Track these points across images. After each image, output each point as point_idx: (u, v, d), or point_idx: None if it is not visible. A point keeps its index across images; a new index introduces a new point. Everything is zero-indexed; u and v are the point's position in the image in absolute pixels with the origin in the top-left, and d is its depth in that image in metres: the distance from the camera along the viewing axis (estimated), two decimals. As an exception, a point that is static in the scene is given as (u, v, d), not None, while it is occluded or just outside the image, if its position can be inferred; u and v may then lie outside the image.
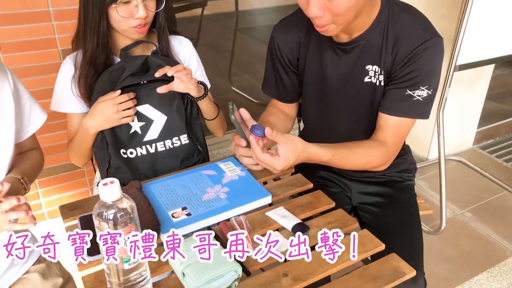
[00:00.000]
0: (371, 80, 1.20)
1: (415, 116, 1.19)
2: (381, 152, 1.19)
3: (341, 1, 0.99)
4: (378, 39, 1.15)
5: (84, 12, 1.16)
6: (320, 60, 1.24)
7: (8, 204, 0.82)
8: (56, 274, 1.13)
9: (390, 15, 1.14)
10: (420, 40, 1.11)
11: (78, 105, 1.25)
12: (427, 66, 1.12)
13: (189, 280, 0.85)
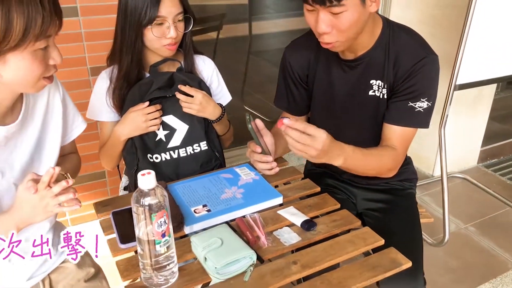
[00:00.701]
0: (375, 94, 1.33)
1: (418, 126, 1.32)
2: (392, 156, 1.31)
3: (345, 18, 1.14)
4: (380, 57, 1.30)
5: (122, 32, 1.32)
6: (328, 75, 1.39)
7: (58, 187, 0.95)
8: (88, 264, 1.25)
9: (391, 36, 1.29)
10: (418, 58, 1.25)
11: (111, 114, 1.40)
12: (425, 80, 1.26)
13: (210, 263, 0.98)
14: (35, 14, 0.87)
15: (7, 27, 0.85)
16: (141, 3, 1.26)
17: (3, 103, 0.99)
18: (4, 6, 0.84)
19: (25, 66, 0.92)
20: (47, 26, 0.89)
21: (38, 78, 0.96)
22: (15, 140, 1.05)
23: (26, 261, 1.12)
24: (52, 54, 0.96)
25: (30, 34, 0.87)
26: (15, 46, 0.88)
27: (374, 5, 1.19)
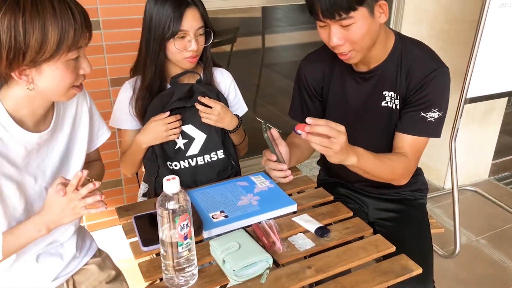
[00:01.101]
0: (387, 104, 1.38)
1: (429, 135, 1.36)
2: (404, 163, 1.35)
3: (356, 30, 1.20)
4: (393, 69, 1.35)
5: (146, 45, 1.39)
6: (342, 87, 1.44)
7: (85, 190, 1.01)
8: (109, 267, 1.31)
9: (403, 49, 1.35)
10: (429, 70, 1.30)
11: (133, 123, 1.47)
12: (436, 91, 1.31)
13: (228, 266, 1.02)
14: (68, 26, 0.94)
15: (43, 40, 0.92)
16: (165, 17, 1.33)
17: (37, 111, 1.06)
18: (40, 20, 0.91)
19: (58, 75, 0.98)
20: (78, 38, 0.96)
21: (69, 86, 1.02)
22: (47, 147, 1.12)
23: (52, 262, 1.18)
24: (82, 64, 1.03)
25: (63, 45, 0.94)
26: (50, 57, 0.94)
27: (383, 16, 1.25)
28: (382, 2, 1.23)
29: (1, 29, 0.90)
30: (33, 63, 0.94)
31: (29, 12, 0.90)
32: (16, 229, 1.04)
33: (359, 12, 1.19)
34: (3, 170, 1.01)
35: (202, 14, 1.39)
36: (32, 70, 0.96)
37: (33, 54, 0.92)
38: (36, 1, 0.91)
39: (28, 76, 0.97)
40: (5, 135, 1.01)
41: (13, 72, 0.95)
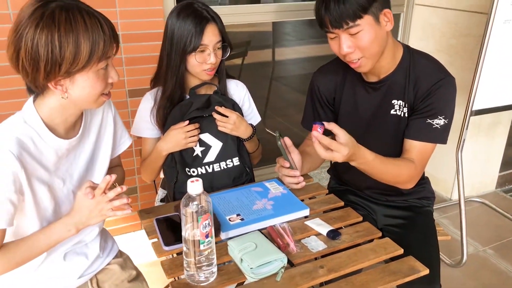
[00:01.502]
0: (396, 113, 1.46)
1: (435, 141, 1.42)
2: (410, 168, 1.41)
3: (363, 36, 1.29)
4: (401, 79, 1.43)
5: (167, 58, 1.47)
6: (354, 97, 1.52)
7: (113, 193, 1.08)
8: (130, 267, 1.38)
9: (411, 60, 1.43)
10: (436, 79, 1.38)
11: (153, 131, 1.55)
12: (442, 99, 1.39)
13: (246, 264, 1.09)
14: (98, 39, 1.02)
15: (76, 52, 1.00)
16: (186, 32, 1.42)
17: (69, 119, 1.14)
18: (73, 34, 0.99)
19: (90, 84, 1.06)
20: (107, 49, 1.05)
21: (99, 94, 1.10)
22: (75, 152, 1.20)
23: (78, 261, 1.26)
24: (111, 73, 1.11)
25: (94, 56, 1.02)
26: (83, 67, 1.03)
27: (389, 24, 1.34)
28: (386, 11, 1.32)
29: (39, 44, 0.98)
30: (68, 74, 1.02)
31: (64, 27, 0.99)
32: (47, 228, 1.11)
33: (365, 20, 1.28)
34: (36, 174, 1.09)
35: (220, 30, 1.48)
36: (66, 80, 1.04)
37: (67, 65, 1.01)
38: (69, 17, 1.00)
39: (63, 86, 1.05)
40: (39, 142, 1.09)
41: (49, 83, 1.04)
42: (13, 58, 1.03)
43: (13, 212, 1.04)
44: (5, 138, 1.03)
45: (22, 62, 1.01)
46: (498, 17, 1.94)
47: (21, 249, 1.08)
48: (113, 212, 1.10)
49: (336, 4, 1.26)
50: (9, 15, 1.82)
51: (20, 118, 1.08)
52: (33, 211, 1.10)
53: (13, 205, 1.03)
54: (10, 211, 1.03)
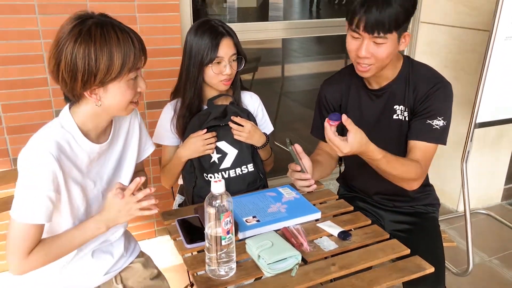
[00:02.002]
0: (398, 117, 1.56)
1: (436, 141, 1.50)
2: (416, 166, 1.48)
3: (385, 49, 1.40)
4: (402, 86, 1.54)
5: (186, 71, 1.58)
6: (358, 104, 1.62)
7: (142, 194, 1.18)
8: (152, 266, 1.46)
9: (410, 69, 1.55)
10: (433, 83, 1.50)
11: (174, 140, 1.66)
12: (440, 101, 1.49)
13: (263, 260, 1.17)
14: (129, 51, 1.13)
15: (110, 63, 1.10)
16: (204, 46, 1.53)
17: (100, 125, 1.24)
18: (107, 47, 1.10)
19: (121, 92, 1.17)
20: (137, 60, 1.15)
21: (128, 102, 1.20)
22: (104, 156, 1.29)
23: (104, 258, 1.34)
24: (139, 83, 1.21)
25: (125, 67, 1.13)
26: (115, 77, 1.13)
27: (403, 44, 1.45)
28: (407, 34, 1.44)
29: (78, 57, 1.09)
30: (102, 83, 1.13)
31: (99, 41, 1.09)
32: (80, 226, 1.21)
33: (393, 36, 1.39)
34: (71, 175, 1.19)
35: (235, 43, 1.59)
36: (100, 89, 1.15)
37: (102, 75, 1.11)
38: (103, 32, 1.10)
39: (97, 94, 1.15)
40: (75, 145, 1.19)
41: (86, 92, 1.14)
42: (54, 70, 1.13)
43: (51, 209, 1.13)
44: (46, 141, 1.13)
45: (62, 73, 1.11)
46: (499, 34, 2.04)
47: (58, 244, 1.17)
48: (141, 212, 1.19)
49: (378, 12, 1.35)
50: (38, 31, 1.95)
51: (58, 124, 1.18)
52: (67, 210, 1.20)
53: (51, 202, 1.12)
54: (49, 208, 1.12)
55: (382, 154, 1.39)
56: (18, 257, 1.11)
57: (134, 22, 2.14)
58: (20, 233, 1.11)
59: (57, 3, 1.95)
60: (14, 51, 1.94)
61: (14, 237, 1.12)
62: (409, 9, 1.38)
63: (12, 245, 1.12)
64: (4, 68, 1.95)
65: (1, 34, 1.90)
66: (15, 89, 1.99)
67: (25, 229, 1.11)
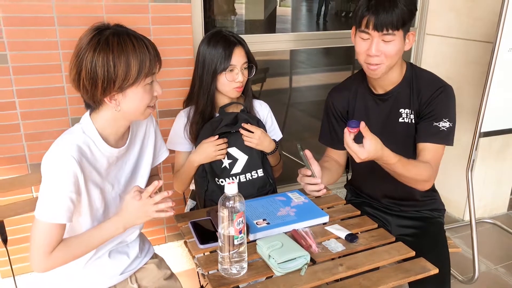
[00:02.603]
0: (404, 120, 1.62)
1: (443, 142, 1.56)
2: (427, 168, 1.53)
3: (393, 46, 1.47)
4: (406, 90, 1.61)
5: (199, 79, 1.66)
6: (365, 109, 1.68)
7: (160, 196, 1.23)
8: (165, 267, 1.51)
9: (414, 74, 1.62)
10: (436, 87, 1.57)
11: (186, 146, 1.72)
12: (443, 103, 1.56)
13: (273, 260, 1.22)
14: (145, 58, 1.19)
15: (127, 70, 1.17)
16: (217, 55, 1.62)
17: (119, 130, 1.30)
18: (124, 55, 1.17)
19: (138, 97, 1.23)
20: (153, 66, 1.22)
21: (146, 106, 1.27)
22: (122, 160, 1.36)
23: (120, 258, 1.40)
24: (155, 87, 1.27)
25: (142, 72, 1.19)
26: (133, 83, 1.19)
27: (408, 44, 1.53)
28: (411, 32, 1.52)
29: (97, 65, 1.16)
30: (120, 89, 1.19)
31: (116, 50, 1.16)
32: (99, 227, 1.26)
33: (399, 33, 1.47)
34: (91, 177, 1.25)
35: (247, 52, 1.68)
36: (119, 95, 1.21)
37: (120, 81, 1.18)
38: (120, 41, 1.17)
39: (116, 100, 1.22)
40: (95, 149, 1.25)
41: (106, 98, 1.21)
42: (75, 78, 1.20)
43: (72, 210, 1.19)
44: (68, 145, 1.19)
45: (83, 81, 1.18)
46: (502, 46, 2.09)
47: (78, 243, 1.22)
48: (157, 214, 1.25)
49: (384, 10, 1.43)
50: (57, 42, 2.03)
51: (79, 129, 1.25)
52: (87, 211, 1.26)
53: (72, 203, 1.18)
54: (70, 209, 1.18)
55: (397, 158, 1.43)
56: (41, 255, 1.17)
57: (148, 33, 2.22)
58: (43, 232, 1.17)
59: (76, 15, 2.04)
60: (34, 61, 2.02)
61: (37, 236, 1.18)
62: (412, 10, 1.48)
63: (36, 243, 1.18)
64: (24, 77, 2.03)
65: (22, 44, 1.99)
66: (33, 97, 2.07)
67: (48, 228, 1.17)
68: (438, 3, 2.96)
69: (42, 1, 1.98)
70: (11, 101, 2.05)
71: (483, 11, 2.64)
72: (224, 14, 7.16)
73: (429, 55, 3.07)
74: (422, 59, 3.13)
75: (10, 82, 2.02)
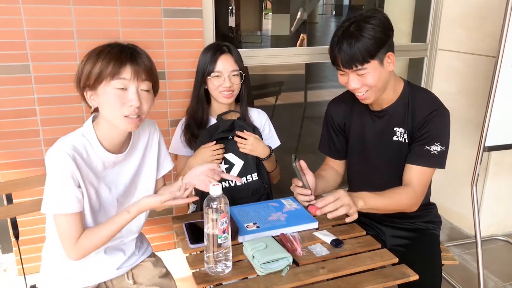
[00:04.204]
0: (398, 139, 1.64)
1: (434, 166, 1.58)
2: (408, 193, 1.56)
3: (369, 77, 1.50)
4: (402, 109, 1.62)
5: (194, 83, 1.80)
6: (361, 124, 1.72)
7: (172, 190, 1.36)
8: (161, 266, 1.59)
9: (410, 93, 1.63)
10: (430, 110, 1.57)
11: (186, 150, 1.84)
12: (437, 127, 1.56)
13: (256, 260, 1.28)
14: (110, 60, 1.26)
15: (92, 68, 1.27)
16: (206, 60, 1.77)
17: (116, 137, 1.36)
18: (95, 56, 1.28)
19: (109, 100, 1.27)
20: (117, 70, 1.26)
21: (121, 115, 1.29)
22: (121, 166, 1.43)
23: (116, 254, 1.49)
24: (129, 97, 1.28)
25: (104, 72, 1.26)
26: (96, 80, 1.27)
27: (391, 65, 1.54)
28: (389, 54, 1.52)
29: (79, 67, 1.30)
30: (90, 87, 1.29)
31: (93, 52, 1.30)
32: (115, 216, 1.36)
33: (371, 64, 1.49)
34: (88, 176, 1.34)
35: (236, 60, 1.78)
36: (93, 92, 1.31)
37: (85, 77, 1.29)
38: (103, 48, 1.29)
39: (93, 99, 1.32)
40: (90, 151, 1.34)
41: (84, 94, 1.33)
42: None
43: (81, 199, 1.30)
44: (65, 144, 1.30)
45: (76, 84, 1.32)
46: (505, 61, 2.10)
47: (102, 228, 1.35)
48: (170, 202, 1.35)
49: (348, 48, 1.46)
50: (76, 54, 2.18)
51: (79, 132, 1.36)
52: (87, 206, 1.35)
53: (76, 195, 1.28)
54: (74, 199, 1.28)
55: (367, 192, 1.46)
56: (69, 244, 1.31)
57: (161, 47, 2.35)
58: (63, 224, 1.30)
59: (93, 29, 2.18)
60: (54, 71, 2.17)
61: (59, 229, 1.31)
62: (381, 37, 1.46)
63: (61, 236, 1.31)
64: (45, 86, 2.18)
65: (43, 56, 2.14)
66: (53, 105, 2.21)
67: (63, 220, 1.29)
68: (450, 19, 2.99)
69: (63, 16, 2.13)
70: (32, 108, 2.20)
71: (491, 26, 2.66)
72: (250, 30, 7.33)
73: (441, 70, 3.09)
74: (435, 74, 3.14)
75: (32, 90, 2.18)
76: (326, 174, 1.84)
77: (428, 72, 3.16)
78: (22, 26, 2.09)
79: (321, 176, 1.80)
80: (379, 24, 1.48)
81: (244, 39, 6.85)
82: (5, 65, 2.11)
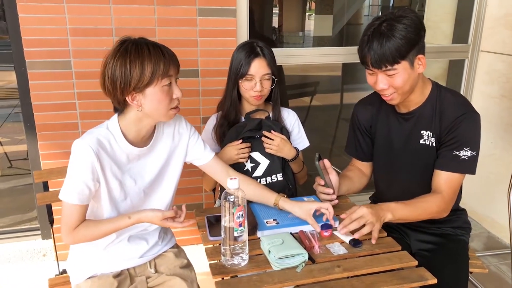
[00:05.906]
0: (425, 142, 1.60)
1: (463, 172, 1.54)
2: (437, 200, 1.52)
3: (398, 78, 1.47)
4: (429, 112, 1.58)
5: (227, 84, 1.80)
6: (387, 126, 1.69)
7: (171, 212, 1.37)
8: (183, 257, 1.63)
9: (438, 96, 1.58)
10: (459, 113, 1.52)
11: (215, 147, 1.85)
12: (466, 132, 1.51)
13: (272, 255, 1.29)
14: (159, 60, 1.31)
15: (141, 71, 1.30)
16: (239, 61, 1.74)
17: (142, 130, 1.42)
18: (139, 59, 1.30)
19: (157, 98, 1.34)
20: (167, 68, 1.32)
21: (167, 108, 1.37)
22: (145, 158, 1.48)
23: (140, 243, 1.54)
24: (174, 90, 1.38)
25: (156, 74, 1.31)
26: (148, 83, 1.31)
27: (421, 67, 1.50)
28: (420, 56, 1.48)
29: (116, 69, 1.31)
30: (138, 89, 1.32)
31: (133, 55, 1.31)
32: (116, 217, 1.41)
33: (401, 65, 1.46)
34: (110, 168, 1.39)
35: (269, 64, 1.75)
36: (139, 95, 1.34)
37: (135, 82, 1.31)
38: (137, 48, 1.32)
39: (138, 100, 1.35)
40: (114, 144, 1.40)
41: (127, 97, 1.34)
42: (102, 84, 1.37)
43: (87, 194, 1.35)
44: (89, 137, 1.36)
45: (107, 85, 1.35)
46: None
47: (96, 227, 1.38)
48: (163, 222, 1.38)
49: (378, 47, 1.44)
50: (113, 51, 2.27)
51: (105, 125, 1.42)
52: (107, 198, 1.40)
53: (88, 188, 1.34)
54: (84, 192, 1.33)
55: (394, 202, 1.47)
56: (65, 230, 1.36)
57: (195, 45, 2.41)
58: (65, 210, 1.36)
59: (131, 27, 2.27)
60: (93, 67, 2.28)
61: (62, 213, 1.37)
62: (413, 37, 1.43)
63: (62, 219, 1.37)
64: (84, 82, 2.29)
65: (83, 52, 2.25)
66: (91, 99, 2.32)
67: (67, 207, 1.35)
68: (494, 20, 2.87)
69: (103, 14, 2.24)
70: (72, 102, 2.32)
71: (537, 27, 2.53)
72: (292, 31, 7.33)
73: (483, 72, 2.97)
74: (476, 76, 3.03)
75: (72, 85, 2.30)
76: (351, 174, 1.82)
77: (469, 74, 3.05)
78: (65, 24, 2.21)
79: (346, 177, 1.79)
80: (411, 24, 1.45)
81: (286, 40, 6.86)
82: (49, 61, 2.24)
